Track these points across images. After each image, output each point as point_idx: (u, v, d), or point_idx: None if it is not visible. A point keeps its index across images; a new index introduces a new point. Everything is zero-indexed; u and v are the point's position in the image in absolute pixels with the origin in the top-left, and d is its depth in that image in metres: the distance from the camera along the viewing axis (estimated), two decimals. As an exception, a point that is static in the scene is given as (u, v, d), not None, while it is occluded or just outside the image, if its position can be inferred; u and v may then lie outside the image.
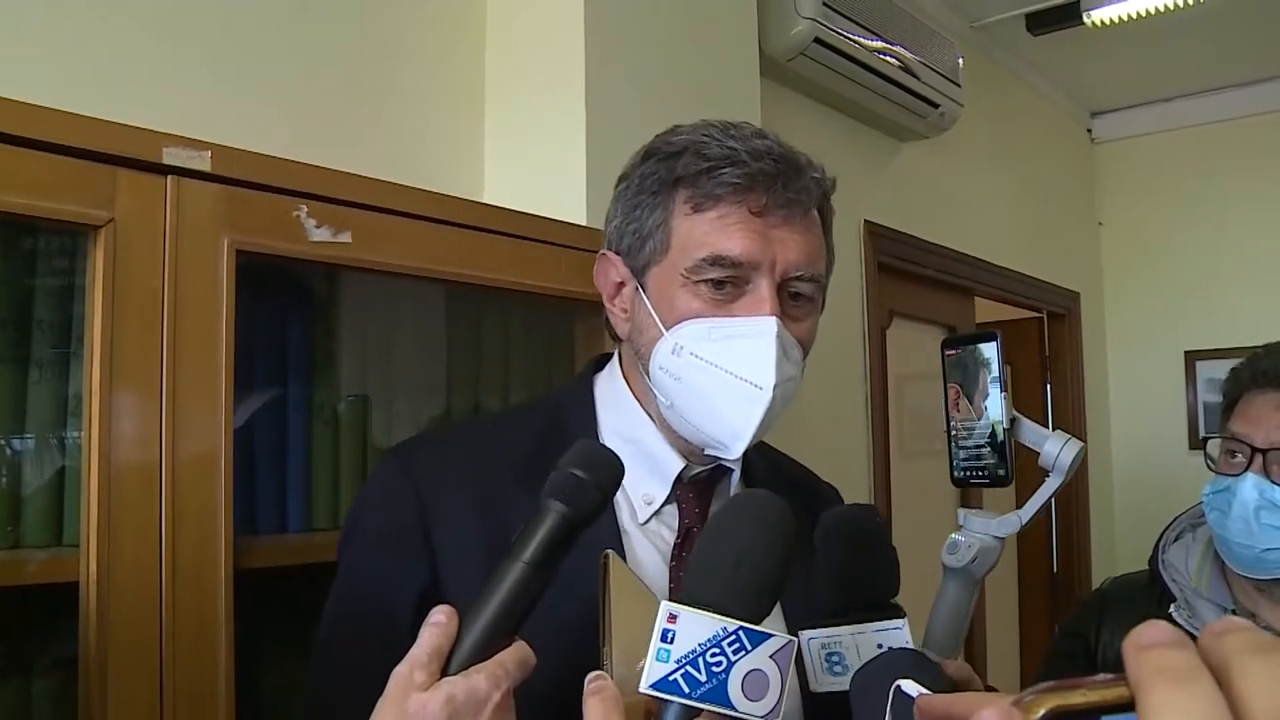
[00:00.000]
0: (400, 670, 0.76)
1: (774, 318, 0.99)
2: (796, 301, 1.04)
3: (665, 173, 1.03)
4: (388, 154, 1.77)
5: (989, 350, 1.16)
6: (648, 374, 1.05)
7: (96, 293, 1.15)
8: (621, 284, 1.09)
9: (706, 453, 1.06)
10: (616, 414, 1.11)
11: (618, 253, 1.08)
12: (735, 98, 2.23)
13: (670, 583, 1.03)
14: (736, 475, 1.12)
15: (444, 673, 0.76)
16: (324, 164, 1.40)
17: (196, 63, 1.52)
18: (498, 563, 0.81)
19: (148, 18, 1.48)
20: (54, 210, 1.13)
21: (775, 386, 0.99)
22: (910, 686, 0.80)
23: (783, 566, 0.79)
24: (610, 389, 1.13)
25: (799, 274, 1.02)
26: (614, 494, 0.91)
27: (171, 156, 1.21)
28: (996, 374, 1.15)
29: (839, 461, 2.99)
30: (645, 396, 1.09)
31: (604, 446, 0.91)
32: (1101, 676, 0.38)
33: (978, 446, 1.18)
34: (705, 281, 1.00)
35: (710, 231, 1.00)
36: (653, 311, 1.03)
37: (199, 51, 1.53)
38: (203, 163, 1.24)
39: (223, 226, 1.25)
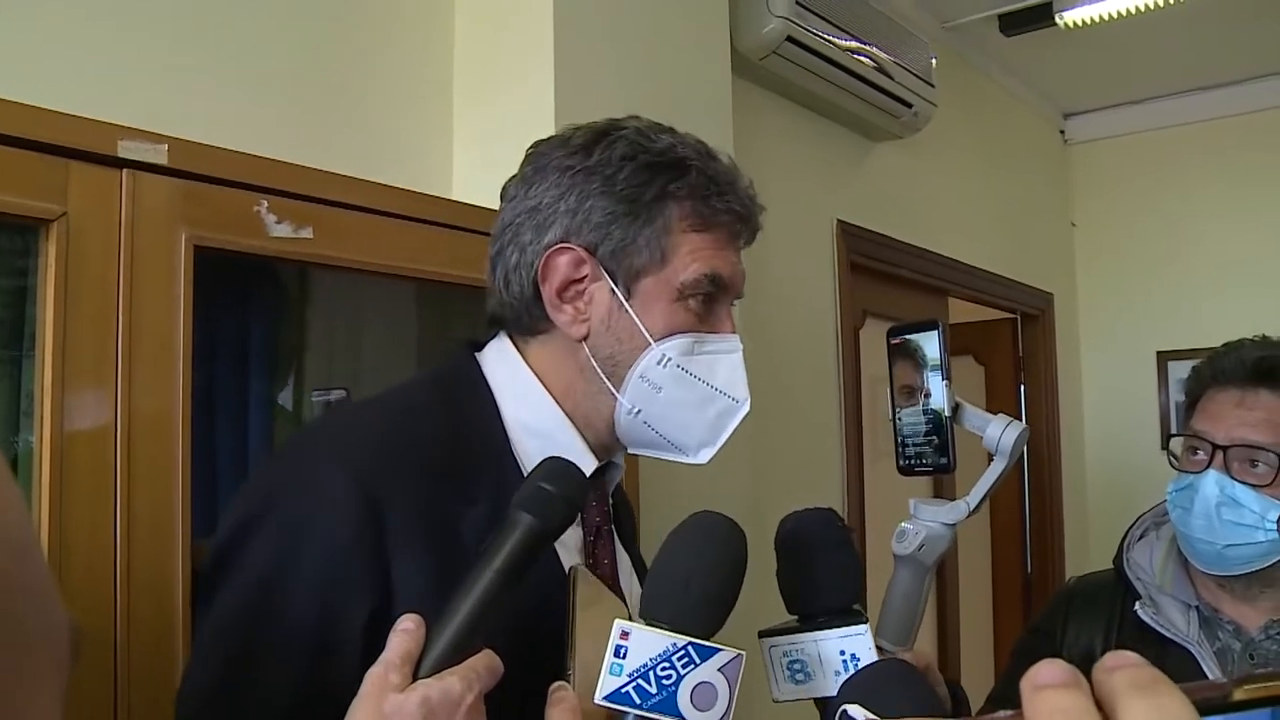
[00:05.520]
0: (375, 671, 0.77)
1: (738, 336, 1.08)
2: None
3: (665, 184, 1.03)
4: (355, 150, 1.75)
5: (931, 338, 1.18)
6: (613, 379, 1.05)
7: (49, 289, 1.12)
8: (577, 281, 1.04)
9: (642, 454, 1.12)
10: (523, 407, 1.06)
11: (585, 248, 1.03)
12: (707, 96, 2.22)
13: None
14: (621, 471, 1.17)
15: (415, 677, 0.77)
16: (289, 160, 1.38)
17: (154, 53, 1.49)
18: (462, 572, 0.83)
19: (103, 6, 1.45)
20: (3, 204, 1.10)
21: (749, 400, 1.07)
22: (856, 711, 0.83)
23: (732, 584, 0.85)
24: (509, 379, 1.08)
25: (739, 296, 1.12)
26: (580, 507, 0.93)
27: (127, 149, 1.19)
28: (938, 362, 1.17)
29: (812, 462, 2.98)
30: (569, 394, 1.07)
31: (568, 462, 0.92)
32: (1003, 714, 0.41)
33: (922, 435, 1.20)
34: (695, 297, 1.04)
35: (707, 251, 1.05)
36: (639, 321, 1.03)
37: (156, 42, 1.50)
38: (159, 156, 1.21)
39: (180, 222, 1.23)
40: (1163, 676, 0.38)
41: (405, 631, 0.79)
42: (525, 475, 1.00)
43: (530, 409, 1.07)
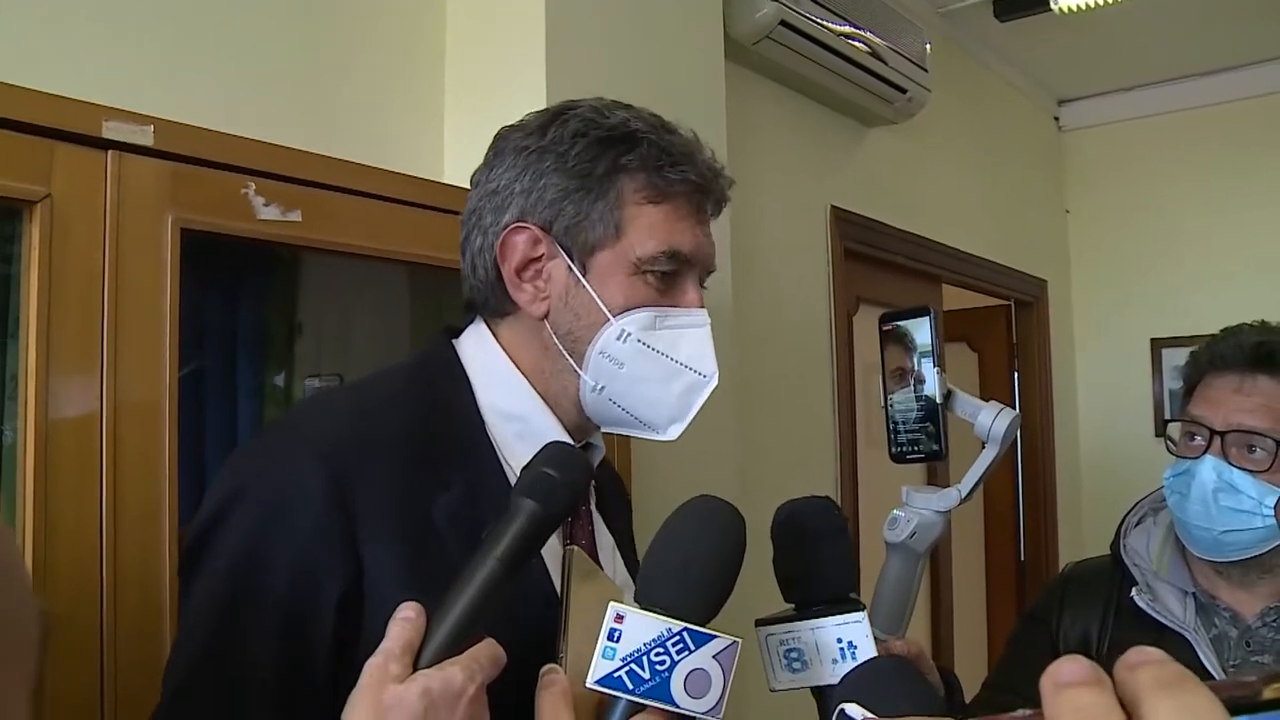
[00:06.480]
0: (375, 662, 0.76)
1: (705, 310, 1.06)
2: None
3: (616, 157, 1.03)
4: (345, 133, 1.73)
5: (923, 325, 1.18)
6: (574, 356, 1.05)
7: (32, 272, 1.11)
8: (535, 259, 1.05)
9: (613, 432, 1.12)
10: (496, 390, 1.07)
11: (540, 227, 1.04)
12: (700, 80, 2.20)
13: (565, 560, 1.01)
14: (601, 452, 1.16)
15: (415, 667, 0.76)
16: (279, 142, 1.36)
17: (140, 32, 1.47)
18: (435, 555, 0.81)
19: (91, -11, 1.42)
20: (-14, 185, 1.08)
21: (717, 374, 1.06)
22: (854, 710, 0.82)
23: (730, 571, 0.83)
24: (484, 363, 1.09)
25: (710, 271, 1.10)
26: (583, 494, 0.92)
27: (112, 130, 1.17)
28: (930, 349, 1.17)
29: (805, 449, 2.97)
30: (539, 374, 1.08)
31: (573, 447, 0.92)
32: (1022, 712, 0.40)
33: (914, 422, 1.20)
34: (654, 272, 1.03)
35: (664, 224, 1.04)
36: (596, 297, 1.03)
37: (143, 22, 1.48)
38: (145, 138, 1.20)
39: (167, 204, 1.21)
40: (1188, 673, 0.36)
41: (405, 620, 0.78)
42: (500, 459, 1.03)
43: (505, 393, 1.07)
